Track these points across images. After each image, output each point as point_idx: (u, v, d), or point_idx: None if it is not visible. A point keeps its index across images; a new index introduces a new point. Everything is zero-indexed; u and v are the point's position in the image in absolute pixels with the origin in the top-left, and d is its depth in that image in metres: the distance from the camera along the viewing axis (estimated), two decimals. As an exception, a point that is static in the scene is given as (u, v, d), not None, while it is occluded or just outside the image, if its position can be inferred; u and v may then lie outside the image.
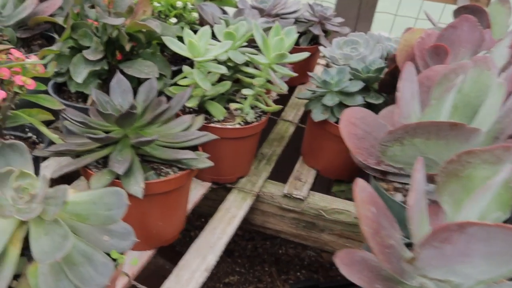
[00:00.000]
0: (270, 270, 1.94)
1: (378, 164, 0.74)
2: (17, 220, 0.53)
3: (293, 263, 1.96)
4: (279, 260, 1.94)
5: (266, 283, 1.83)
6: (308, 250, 1.98)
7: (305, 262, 2.00)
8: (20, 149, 0.56)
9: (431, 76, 0.80)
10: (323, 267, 2.00)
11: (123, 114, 0.74)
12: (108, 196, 0.55)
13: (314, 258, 2.03)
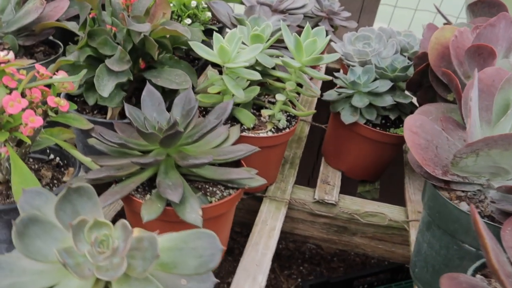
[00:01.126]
0: (272, 265, 1.89)
1: (445, 174, 0.68)
2: (94, 278, 0.44)
3: (295, 257, 1.92)
4: (280, 255, 1.89)
5: (270, 279, 1.78)
6: (308, 243, 1.94)
7: (306, 256, 1.96)
8: (88, 193, 0.46)
9: (483, 79, 0.75)
10: (324, 259, 1.96)
11: (171, 134, 0.65)
12: (195, 239, 0.47)
13: (315, 250, 1.99)
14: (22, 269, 0.45)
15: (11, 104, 0.55)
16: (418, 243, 0.80)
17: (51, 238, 0.44)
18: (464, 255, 0.71)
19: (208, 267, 0.45)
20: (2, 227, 0.63)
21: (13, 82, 0.60)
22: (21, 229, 0.43)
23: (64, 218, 0.45)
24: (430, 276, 0.77)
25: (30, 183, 0.58)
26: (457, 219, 0.69)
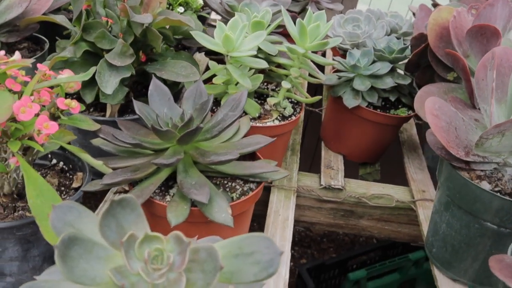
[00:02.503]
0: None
1: (467, 155, 0.67)
2: (148, 295, 0.40)
3: (285, 240, 1.89)
4: (271, 240, 1.86)
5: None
6: (296, 226, 1.93)
7: (296, 238, 1.95)
8: (131, 204, 0.41)
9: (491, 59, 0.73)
10: (314, 241, 1.96)
11: (191, 131, 0.60)
12: (250, 244, 0.42)
13: (304, 233, 1.98)
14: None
15: (22, 110, 0.48)
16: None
17: (95, 258, 0.39)
18: (485, 233, 0.70)
19: (268, 273, 0.41)
20: (15, 244, 0.56)
21: (17, 85, 0.53)
22: (63, 251, 0.37)
23: (109, 234, 0.40)
24: (449, 256, 0.76)
25: (47, 194, 0.52)
26: (479, 198, 0.67)
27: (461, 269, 0.75)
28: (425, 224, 0.89)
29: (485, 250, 0.72)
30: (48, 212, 0.51)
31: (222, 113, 0.70)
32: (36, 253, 0.59)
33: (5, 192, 0.59)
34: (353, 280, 1.37)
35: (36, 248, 0.58)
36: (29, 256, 0.58)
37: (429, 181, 1.02)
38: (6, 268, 0.58)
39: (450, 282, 0.77)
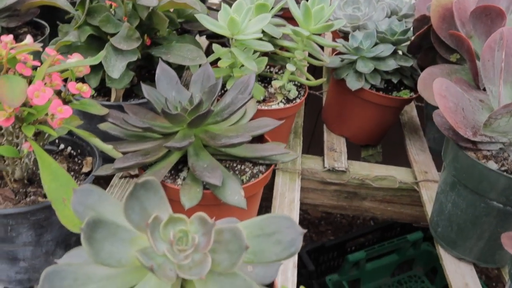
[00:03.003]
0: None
1: (474, 135, 0.67)
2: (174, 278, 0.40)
3: (283, 224, 1.91)
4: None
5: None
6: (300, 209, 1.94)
7: (295, 221, 1.96)
8: (154, 187, 0.41)
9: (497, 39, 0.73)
10: (312, 223, 1.98)
11: (202, 114, 0.60)
12: (271, 224, 0.43)
13: (302, 216, 1.99)
14: (86, 277, 0.40)
15: (36, 95, 0.48)
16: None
17: (120, 240, 0.39)
18: (491, 212, 0.71)
19: (290, 252, 0.42)
20: (28, 228, 0.56)
21: (27, 70, 0.53)
22: (89, 234, 0.37)
23: (133, 217, 0.40)
24: (455, 235, 0.77)
25: (61, 179, 0.52)
26: (485, 177, 0.68)
27: (466, 248, 0.77)
28: (428, 204, 0.91)
29: (490, 229, 0.73)
30: (63, 196, 0.51)
31: (230, 96, 0.70)
32: (49, 237, 0.59)
33: (16, 178, 0.59)
34: (352, 261, 1.39)
35: (49, 233, 0.58)
36: (42, 241, 0.58)
37: (431, 162, 1.03)
38: (19, 253, 0.58)
39: (455, 260, 0.79)
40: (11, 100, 0.46)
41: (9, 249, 0.57)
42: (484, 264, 0.78)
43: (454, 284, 0.75)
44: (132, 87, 0.84)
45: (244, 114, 0.75)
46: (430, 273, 1.45)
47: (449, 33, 0.83)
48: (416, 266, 1.51)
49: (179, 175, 0.66)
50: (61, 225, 0.59)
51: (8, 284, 0.63)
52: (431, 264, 1.46)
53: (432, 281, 1.42)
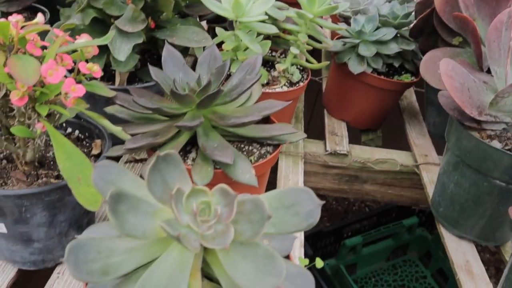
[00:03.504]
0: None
1: (480, 114, 0.69)
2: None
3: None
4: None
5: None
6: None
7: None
8: (175, 160, 0.42)
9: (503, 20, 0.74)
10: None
11: (211, 94, 0.61)
12: (289, 197, 0.44)
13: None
14: (109, 250, 0.41)
15: (50, 73, 0.48)
16: (442, 184, 0.81)
17: (142, 213, 0.40)
18: (493, 190, 0.73)
19: (309, 223, 0.43)
20: (43, 209, 0.57)
21: (37, 50, 0.53)
22: (113, 206, 0.38)
23: (155, 189, 0.40)
24: (457, 214, 0.79)
25: (76, 158, 0.52)
26: (490, 156, 0.70)
27: (468, 227, 0.79)
28: (429, 186, 0.92)
29: (492, 207, 0.75)
30: (78, 175, 0.51)
31: (237, 78, 0.70)
32: (62, 218, 0.59)
33: (27, 160, 0.59)
34: (349, 246, 1.40)
35: (62, 213, 0.59)
36: (56, 222, 0.59)
37: (431, 146, 1.05)
38: (34, 234, 0.59)
39: (456, 239, 0.81)
40: (25, 79, 0.46)
41: (23, 230, 0.58)
42: (484, 242, 0.80)
43: (456, 261, 0.77)
44: (136, 71, 0.84)
45: (249, 96, 0.76)
46: (424, 258, 1.47)
47: (453, 15, 0.84)
48: (410, 251, 1.53)
49: (188, 156, 0.67)
50: (74, 206, 0.60)
51: (22, 265, 0.63)
52: (425, 249, 1.48)
53: (426, 265, 1.44)
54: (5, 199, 0.54)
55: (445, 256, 1.30)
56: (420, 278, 1.42)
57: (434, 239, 1.41)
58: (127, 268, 0.40)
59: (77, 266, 0.39)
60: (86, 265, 0.40)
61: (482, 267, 0.75)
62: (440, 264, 1.36)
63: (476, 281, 0.73)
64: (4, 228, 0.58)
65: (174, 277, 0.39)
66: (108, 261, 0.40)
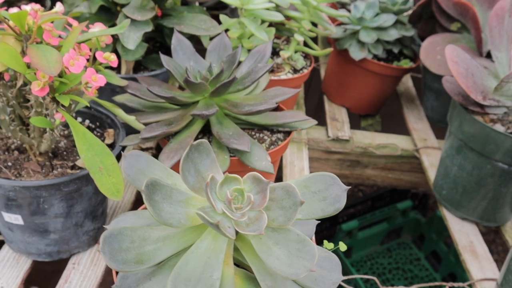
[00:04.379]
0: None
1: (484, 99, 0.71)
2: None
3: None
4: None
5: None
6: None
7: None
8: (206, 149, 0.42)
9: (504, 6, 0.76)
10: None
11: (226, 82, 0.61)
12: (316, 183, 0.45)
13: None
14: (142, 239, 0.41)
15: (72, 63, 0.48)
16: (445, 167, 0.83)
17: (176, 202, 0.41)
18: (496, 172, 0.75)
19: (335, 208, 0.44)
20: (60, 200, 0.57)
21: (54, 39, 0.52)
22: (149, 195, 0.38)
23: (189, 178, 0.41)
24: (460, 196, 0.81)
25: (96, 148, 0.52)
26: (493, 139, 0.72)
27: (470, 208, 0.81)
28: (430, 169, 0.94)
29: (494, 189, 0.77)
30: (100, 165, 0.51)
31: (246, 66, 0.70)
32: (79, 209, 0.59)
33: (41, 151, 0.59)
34: (345, 230, 1.43)
35: (79, 204, 0.59)
36: (72, 213, 0.59)
37: (430, 130, 1.07)
38: (50, 225, 0.58)
39: (459, 220, 0.83)
40: (48, 69, 0.46)
41: (40, 221, 0.57)
42: (486, 223, 0.82)
43: (460, 242, 0.79)
44: (140, 60, 0.83)
45: (257, 84, 0.76)
46: (417, 240, 1.50)
47: (454, 1, 0.86)
48: (404, 233, 1.55)
49: (200, 145, 0.67)
50: (90, 196, 0.60)
51: (37, 257, 0.63)
52: (419, 232, 1.51)
53: (420, 248, 1.47)
54: (24, 190, 0.53)
55: (438, 238, 1.34)
56: (414, 260, 1.44)
57: (428, 222, 1.44)
58: (161, 256, 0.41)
59: (112, 256, 0.40)
60: (121, 254, 0.40)
61: (485, 247, 0.78)
62: (433, 246, 1.39)
63: (480, 260, 0.75)
64: (20, 220, 0.58)
65: (209, 264, 0.40)
66: (142, 250, 0.41)
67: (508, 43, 0.69)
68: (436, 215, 1.30)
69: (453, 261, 1.24)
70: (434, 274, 1.37)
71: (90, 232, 0.64)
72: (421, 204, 1.60)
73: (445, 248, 1.30)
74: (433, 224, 1.38)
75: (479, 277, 0.72)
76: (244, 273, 0.44)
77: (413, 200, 1.49)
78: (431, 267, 1.41)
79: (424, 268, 1.41)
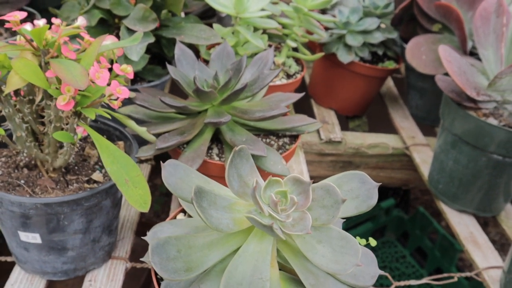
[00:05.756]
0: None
1: (478, 95, 0.75)
2: (274, 238, 0.43)
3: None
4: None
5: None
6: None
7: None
8: (247, 155, 0.43)
9: (487, 8, 0.81)
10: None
11: (237, 90, 0.62)
12: (348, 181, 0.46)
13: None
14: (188, 247, 0.42)
15: (97, 76, 0.48)
16: (440, 162, 0.88)
17: (221, 208, 0.41)
18: (490, 164, 0.79)
19: (368, 205, 0.46)
20: (81, 215, 0.56)
21: (71, 53, 0.52)
22: (199, 203, 0.39)
23: (234, 184, 0.42)
24: (456, 189, 0.85)
25: (121, 161, 0.52)
26: (487, 133, 0.76)
27: (467, 200, 0.85)
28: (422, 166, 0.98)
29: (489, 180, 0.82)
30: (125, 177, 0.52)
31: (250, 73, 0.72)
32: (97, 224, 0.59)
33: (56, 167, 0.58)
34: (333, 232, 1.45)
35: (98, 219, 0.58)
36: (91, 228, 0.58)
37: (416, 128, 1.11)
38: (69, 242, 0.58)
39: (457, 213, 0.87)
40: (75, 82, 0.46)
41: (59, 238, 0.57)
42: (482, 214, 0.87)
43: (461, 234, 0.83)
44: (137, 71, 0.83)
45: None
46: (401, 238, 1.53)
47: (436, 4, 0.91)
48: (388, 232, 1.58)
49: (210, 153, 0.68)
50: (108, 210, 0.60)
51: (53, 276, 0.62)
52: (402, 229, 1.54)
53: (404, 245, 1.50)
54: (45, 208, 0.53)
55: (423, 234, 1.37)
56: (400, 258, 1.46)
57: (411, 219, 1.47)
58: (208, 263, 0.42)
59: (163, 266, 0.40)
60: (170, 263, 0.41)
61: (485, 237, 0.82)
62: (418, 242, 1.41)
63: (482, 249, 0.79)
64: (38, 239, 0.57)
65: (257, 267, 0.41)
66: (189, 258, 0.42)
67: (497, 41, 0.74)
68: (419, 212, 1.34)
69: (439, 256, 1.28)
70: (420, 270, 1.39)
71: (106, 247, 0.64)
72: (403, 201, 1.63)
73: (430, 244, 1.33)
74: (416, 221, 1.41)
75: (484, 266, 0.76)
76: (285, 275, 0.46)
77: (395, 198, 1.52)
78: (417, 264, 1.43)
79: (410, 265, 1.43)
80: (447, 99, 0.82)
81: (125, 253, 0.69)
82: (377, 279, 1.35)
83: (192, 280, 0.43)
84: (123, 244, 0.71)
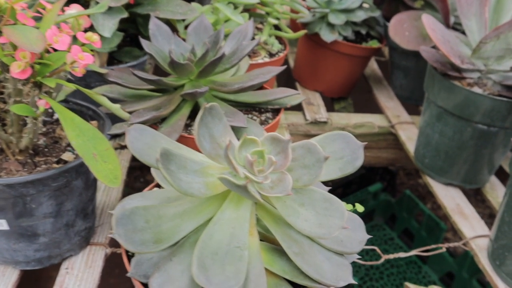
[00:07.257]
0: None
1: (462, 63, 0.71)
2: (250, 202, 0.38)
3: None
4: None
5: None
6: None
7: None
8: (219, 114, 0.38)
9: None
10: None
11: (214, 60, 0.57)
12: (331, 142, 0.42)
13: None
14: (157, 217, 0.37)
15: (55, 40, 0.42)
16: (425, 136, 0.83)
17: (191, 172, 0.36)
18: (475, 134, 0.75)
19: (354, 166, 0.41)
20: (49, 197, 0.50)
21: (29, 20, 0.46)
22: (166, 165, 0.34)
23: (205, 145, 0.37)
24: (442, 162, 0.81)
25: (87, 133, 0.47)
26: (472, 102, 0.72)
27: (453, 173, 0.81)
28: (408, 143, 0.94)
29: (475, 151, 0.77)
30: (93, 151, 0.46)
31: (229, 46, 0.67)
32: (69, 206, 0.53)
33: (21, 148, 0.52)
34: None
35: (69, 201, 0.53)
36: (63, 211, 0.53)
37: (401, 107, 1.07)
38: (39, 227, 0.52)
39: (444, 186, 0.83)
40: (30, 45, 0.40)
41: (28, 223, 0.51)
42: (468, 186, 0.83)
43: (448, 206, 0.79)
44: (113, 53, 0.78)
45: (238, 68, 0.73)
46: (389, 221, 1.50)
47: (417, -23, 0.86)
48: (376, 216, 1.55)
49: (189, 130, 0.63)
50: (81, 192, 0.54)
51: (25, 266, 0.56)
52: (390, 212, 1.51)
53: (392, 228, 1.47)
54: (8, 189, 0.47)
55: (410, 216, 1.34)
56: (388, 240, 1.43)
57: (398, 202, 1.44)
58: (181, 233, 0.37)
59: (128, 238, 0.35)
60: (137, 235, 0.36)
61: (472, 208, 0.78)
62: (405, 224, 1.38)
63: (469, 220, 0.75)
64: (5, 225, 0.51)
65: (234, 235, 0.36)
66: (159, 229, 0.36)
67: (480, 7, 0.69)
68: (405, 195, 1.31)
69: (425, 235, 1.25)
70: (408, 250, 1.36)
71: (82, 232, 0.58)
72: (389, 185, 1.60)
73: (417, 225, 1.30)
74: (403, 203, 1.38)
75: (472, 235, 0.72)
76: (267, 245, 0.41)
77: (382, 183, 1.49)
78: (405, 245, 1.41)
79: (398, 247, 1.41)
80: (431, 70, 0.77)
81: (105, 239, 0.63)
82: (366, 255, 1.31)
83: (165, 255, 0.38)
84: (103, 229, 0.65)
